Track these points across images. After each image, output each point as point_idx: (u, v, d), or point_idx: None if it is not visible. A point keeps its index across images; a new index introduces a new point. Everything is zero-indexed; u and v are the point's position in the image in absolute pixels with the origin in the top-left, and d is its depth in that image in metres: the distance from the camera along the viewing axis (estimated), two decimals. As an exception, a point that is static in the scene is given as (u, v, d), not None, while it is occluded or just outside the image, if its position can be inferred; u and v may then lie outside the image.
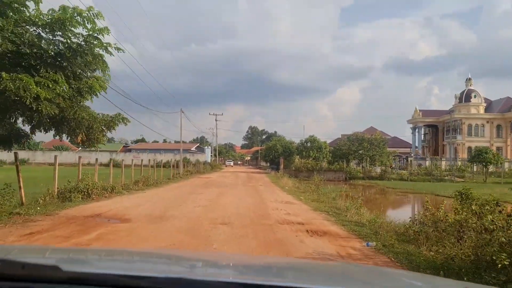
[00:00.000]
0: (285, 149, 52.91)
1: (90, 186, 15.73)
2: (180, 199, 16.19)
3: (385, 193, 32.45)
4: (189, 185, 25.58)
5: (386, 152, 54.21)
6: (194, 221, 10.68)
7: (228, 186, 25.06)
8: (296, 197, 19.54)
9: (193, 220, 10.91)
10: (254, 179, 37.02)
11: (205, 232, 9.16)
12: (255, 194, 20.38)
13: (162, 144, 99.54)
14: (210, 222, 10.57)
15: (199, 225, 10.15)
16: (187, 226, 9.96)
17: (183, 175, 37.46)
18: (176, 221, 10.55)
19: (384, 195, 31.29)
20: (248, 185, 27.81)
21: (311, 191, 22.85)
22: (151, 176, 26.33)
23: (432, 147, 77.66)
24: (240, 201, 16.08)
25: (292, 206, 15.56)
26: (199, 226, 10.01)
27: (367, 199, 28.26)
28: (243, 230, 9.68)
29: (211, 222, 10.48)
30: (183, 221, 10.69)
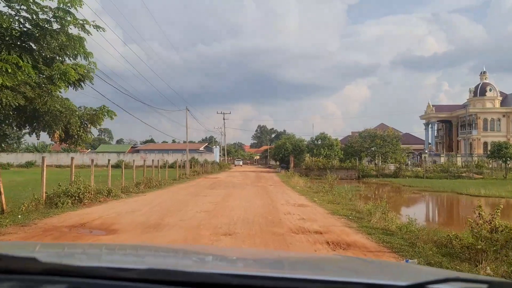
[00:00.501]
0: (295, 147, 51.01)
1: (82, 190, 14.13)
2: (182, 203, 14.52)
3: (403, 192, 30.51)
4: (195, 186, 23.94)
5: (399, 148, 52.07)
6: (193, 231, 8.99)
7: (236, 187, 23.37)
8: (309, 198, 17.79)
9: (192, 229, 9.23)
10: (264, 178, 35.30)
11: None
12: (264, 195, 18.67)
13: (171, 144, 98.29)
14: (212, 232, 8.89)
15: (198, 236, 8.48)
16: (184, 238, 8.30)
17: (190, 176, 35.88)
18: (172, 232, 8.88)
19: (402, 194, 29.37)
20: (257, 185, 26.10)
21: (325, 191, 21.09)
22: (155, 178, 24.76)
23: (446, 143, 75.21)
24: (248, 204, 14.37)
25: (306, 209, 13.81)
26: (198, 238, 8.33)
27: (385, 199, 26.34)
28: (250, 242, 8.01)
29: (213, 232, 8.80)
30: (180, 231, 9.02)
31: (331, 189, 21.67)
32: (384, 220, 10.68)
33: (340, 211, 13.40)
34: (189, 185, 25.05)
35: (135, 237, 8.35)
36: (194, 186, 24.47)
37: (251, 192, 19.90)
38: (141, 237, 8.38)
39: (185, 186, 24.54)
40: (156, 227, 9.44)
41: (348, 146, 52.23)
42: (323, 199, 17.47)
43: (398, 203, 22.95)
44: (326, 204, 15.39)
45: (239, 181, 30.37)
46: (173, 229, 9.14)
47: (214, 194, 18.43)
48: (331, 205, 15.11)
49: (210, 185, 24.76)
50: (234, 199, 16.26)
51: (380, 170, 46.36)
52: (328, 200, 17.21)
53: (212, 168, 51.04)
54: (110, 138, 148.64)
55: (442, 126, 76.73)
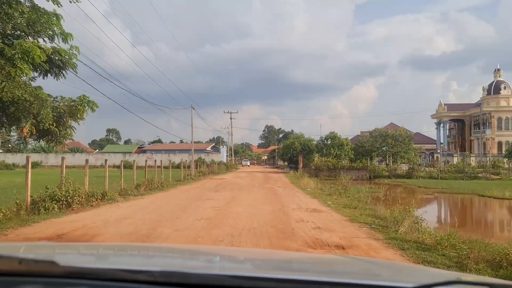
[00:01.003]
0: (303, 147, 49.21)
1: (71, 193, 12.62)
2: (181, 208, 12.94)
3: (420, 194, 28.68)
4: (199, 188, 22.37)
5: (412, 148, 50.23)
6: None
7: (242, 189, 21.76)
8: (322, 202, 16.15)
9: (188, 243, 7.65)
10: (272, 179, 33.66)
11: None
12: (273, 198, 17.05)
13: (178, 144, 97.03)
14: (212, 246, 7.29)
15: (193, 253, 6.87)
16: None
17: (195, 177, 34.35)
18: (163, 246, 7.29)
19: (420, 196, 27.55)
20: (265, 187, 24.48)
21: (338, 194, 19.46)
22: (158, 179, 23.25)
23: (458, 142, 72.96)
24: (255, 210, 12.75)
25: (321, 215, 12.17)
26: (193, 255, 6.72)
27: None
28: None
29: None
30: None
31: (345, 191, 20.03)
32: (417, 231, 9.02)
33: (359, 217, 11.77)
34: (192, 187, 23.49)
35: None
36: (197, 188, 22.90)
37: (259, 195, 18.29)
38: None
39: (188, 188, 22.99)
40: (145, 239, 7.89)
41: (358, 146, 50.42)
42: (337, 203, 15.83)
43: (418, 206, 21.18)
44: (342, 209, 13.75)
45: (246, 182, 28.77)
46: (164, 243, 7.55)
47: (218, 197, 16.83)
48: (347, 210, 13.47)
49: (214, 187, 23.18)
50: (240, 203, 14.64)
51: (392, 170, 44.44)
52: (343, 204, 15.57)
53: (219, 168, 49.47)
54: (118, 138, 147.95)
55: (454, 125, 74.53)
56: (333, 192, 20.42)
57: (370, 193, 27.38)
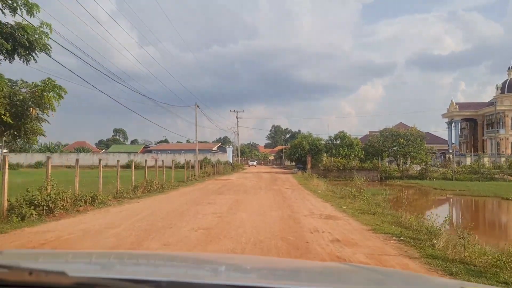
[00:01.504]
0: (312, 146, 47.35)
1: (53, 197, 11.08)
2: (178, 215, 11.34)
3: (437, 196, 26.90)
4: (201, 190, 20.78)
5: (424, 148, 48.22)
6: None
7: (248, 191, 20.13)
8: (336, 207, 14.49)
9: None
10: (279, 180, 32.00)
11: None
12: (281, 202, 15.40)
13: (184, 144, 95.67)
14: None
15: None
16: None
17: (199, 177, 32.78)
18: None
19: (438, 199, 25.78)
20: (272, 188, 22.84)
21: (352, 197, 17.78)
22: (159, 180, 21.73)
23: (470, 142, 70.72)
24: (261, 217, 11.12)
25: (337, 223, 10.53)
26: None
27: (422, 204, 22.84)
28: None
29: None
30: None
31: (360, 194, 18.33)
32: (459, 246, 7.33)
33: (382, 226, 10.11)
34: (194, 189, 21.89)
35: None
36: (200, 190, 21.30)
37: (266, 199, 16.64)
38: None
39: (190, 190, 21.40)
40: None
41: (368, 146, 48.55)
42: (353, 208, 14.16)
43: (441, 211, 19.39)
44: (359, 215, 12.10)
45: (252, 183, 27.14)
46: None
47: (221, 201, 15.21)
48: (366, 217, 11.81)
49: (218, 189, 21.57)
50: (245, 208, 13.01)
51: (404, 171, 42.55)
52: (359, 209, 13.90)
53: (224, 168, 47.87)
54: (125, 138, 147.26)
55: (466, 125, 72.31)
56: (346, 195, 18.76)
57: (385, 195, 25.73)
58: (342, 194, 20.20)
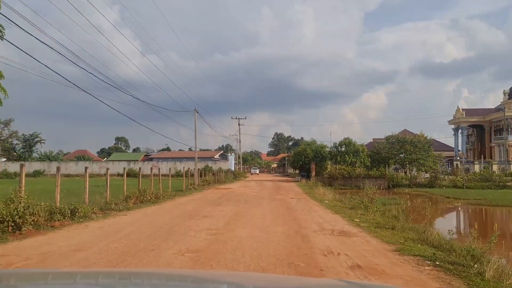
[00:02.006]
0: (316, 154, 45.56)
1: (20, 211, 9.45)
2: (166, 232, 9.65)
3: (451, 206, 25.12)
4: (198, 201, 19.10)
5: (432, 155, 46.50)
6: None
7: (249, 202, 18.44)
8: (348, 219, 12.81)
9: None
10: (283, 189, 30.27)
11: None
12: (286, 215, 13.71)
13: (186, 152, 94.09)
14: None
15: None
16: None
17: (199, 186, 31.07)
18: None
19: (454, 209, 24.03)
20: (275, 198, 21.15)
21: (364, 208, 16.07)
22: (153, 189, 20.11)
23: (477, 149, 68.83)
24: (264, 234, 9.42)
25: (354, 242, 8.84)
26: None
27: (439, 215, 21.07)
28: None
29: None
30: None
31: (372, 205, 16.63)
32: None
33: (407, 245, 8.43)
34: (191, 199, 20.19)
35: None
36: (197, 200, 19.60)
37: (269, 210, 14.94)
38: None
39: (187, 200, 19.70)
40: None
41: (374, 153, 46.85)
42: (368, 221, 12.48)
43: (465, 223, 17.65)
44: (377, 231, 10.41)
45: (254, 192, 25.43)
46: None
47: (218, 213, 13.51)
48: (385, 233, 10.13)
49: (217, 199, 19.87)
50: (244, 223, 11.30)
51: (413, 179, 40.74)
52: (375, 222, 12.22)
53: (226, 177, 46.14)
54: (127, 147, 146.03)
55: (473, 131, 70.48)
56: (357, 205, 17.06)
57: (396, 205, 23.97)
58: (351, 204, 18.51)
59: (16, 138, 77.80)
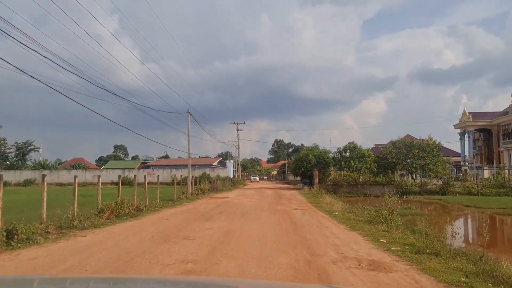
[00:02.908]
0: (319, 159, 42.48)
1: None
2: (119, 268, 6.62)
3: (478, 216, 22.10)
4: (186, 214, 16.06)
5: (441, 160, 43.49)
6: None
7: (246, 215, 15.43)
8: (371, 239, 9.88)
9: None
10: (285, 198, 27.25)
11: None
12: (292, 233, 10.70)
13: (184, 159, 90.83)
14: None
15: None
16: None
17: (192, 195, 28.03)
18: None
19: (484, 220, 20.94)
20: (277, 209, 18.17)
21: (384, 221, 13.13)
22: (136, 200, 17.17)
23: (484, 154, 65.81)
24: (262, 271, 6.39)
25: (396, 282, 5.86)
26: None
27: (473, 230, 18.09)
28: None
29: None
30: None
31: (392, 217, 13.67)
32: None
33: (476, 287, 5.47)
34: (179, 211, 17.13)
35: None
36: (185, 212, 16.54)
37: (269, 227, 11.91)
38: None
39: (173, 212, 16.65)
40: None
41: (380, 158, 43.82)
42: (397, 241, 9.55)
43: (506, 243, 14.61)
44: (418, 259, 7.48)
45: (252, 202, 22.40)
46: None
47: (203, 234, 10.46)
48: (431, 262, 7.22)
49: (208, 211, 16.84)
50: (236, 249, 8.25)
51: (424, 185, 37.69)
52: (408, 243, 9.27)
53: (223, 185, 43.07)
54: (126, 155, 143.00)
55: (479, 135, 67.50)
56: (374, 219, 14.13)
57: (415, 215, 21.03)
58: (367, 216, 15.57)
59: (4, 145, 74.49)
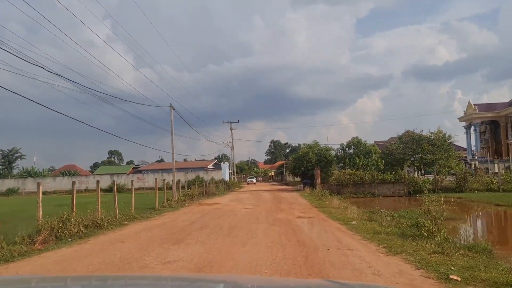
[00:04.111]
0: (320, 158, 38.49)
1: None
2: None
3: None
4: (156, 231, 11.96)
5: (453, 154, 39.72)
6: None
7: (235, 230, 11.39)
8: (433, 274, 5.92)
9: None
10: (285, 202, 23.24)
11: None
12: (303, 266, 6.69)
13: (179, 163, 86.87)
14: None
15: None
16: None
17: (178, 202, 23.92)
18: None
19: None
20: (276, 218, 14.20)
21: (426, 233, 9.26)
22: (100, 212, 13.18)
23: (491, 147, 62.04)
24: None
25: None
26: None
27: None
28: None
29: None
30: None
31: (439, 229, 9.76)
32: None
33: None
34: (148, 227, 12.92)
35: None
36: (154, 229, 12.35)
37: (267, 255, 7.79)
38: None
39: (139, 229, 12.45)
40: None
41: (386, 154, 39.97)
42: (477, 277, 5.60)
43: None
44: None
45: (246, 210, 18.35)
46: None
47: (161, 271, 6.43)
48: None
49: (187, 226, 12.69)
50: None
51: (439, 182, 33.77)
52: (500, 282, 5.32)
53: (217, 188, 38.94)
54: (120, 160, 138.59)
55: (486, 128, 63.77)
56: (407, 230, 10.26)
57: (453, 220, 17.12)
58: (395, 225, 11.69)
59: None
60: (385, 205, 24.32)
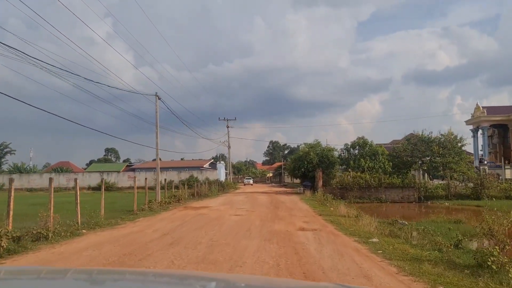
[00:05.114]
0: (321, 158, 35.26)
1: None
2: None
3: None
4: (109, 247, 8.74)
5: (464, 158, 36.59)
6: None
7: (214, 251, 8.18)
8: None
9: None
10: (284, 207, 20.01)
11: None
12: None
13: (173, 162, 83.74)
14: None
15: None
16: None
17: (162, 205, 20.65)
18: None
19: None
20: (274, 230, 11.04)
21: (494, 267, 6.06)
22: (52, 220, 10.06)
23: (500, 151, 58.92)
24: None
25: None
26: None
27: None
28: None
29: None
30: None
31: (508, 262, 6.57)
32: None
33: None
34: (102, 241, 9.62)
35: None
36: (109, 244, 8.99)
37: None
38: None
39: (93, 242, 9.23)
40: None
41: (393, 156, 36.78)
42: None
43: None
44: None
45: (238, 217, 15.12)
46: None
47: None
48: None
49: (153, 242, 9.36)
50: None
51: (452, 188, 30.59)
52: None
53: (209, 189, 35.68)
54: (117, 158, 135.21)
55: (493, 131, 60.66)
56: (458, 255, 7.11)
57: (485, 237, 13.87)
58: (432, 246, 8.56)
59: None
60: (396, 213, 21.22)
